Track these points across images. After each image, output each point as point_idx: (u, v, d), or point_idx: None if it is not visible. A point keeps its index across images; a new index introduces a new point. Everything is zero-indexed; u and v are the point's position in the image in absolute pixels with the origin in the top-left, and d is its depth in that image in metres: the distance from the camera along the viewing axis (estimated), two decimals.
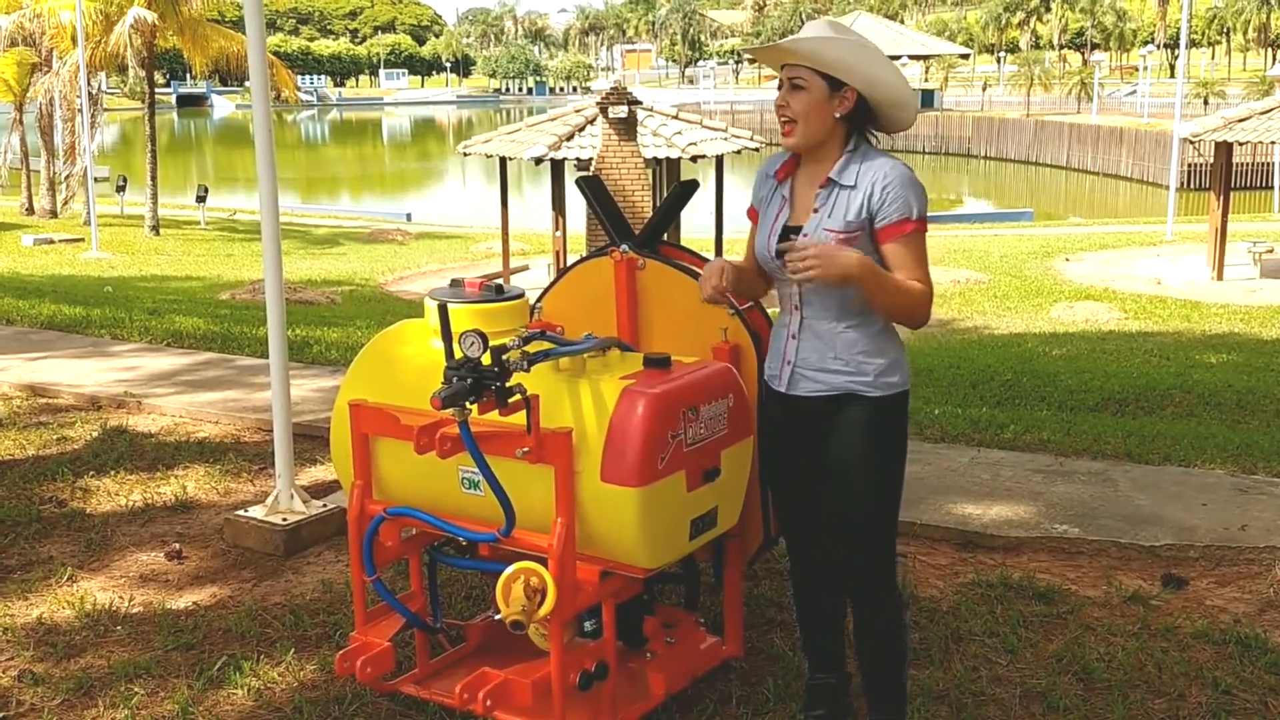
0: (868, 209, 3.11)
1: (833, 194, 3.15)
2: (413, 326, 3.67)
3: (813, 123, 3.15)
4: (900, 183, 3.12)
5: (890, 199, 3.11)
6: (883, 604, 3.32)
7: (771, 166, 3.34)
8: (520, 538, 3.24)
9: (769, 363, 3.35)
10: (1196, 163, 41.42)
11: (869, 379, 3.19)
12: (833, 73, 3.11)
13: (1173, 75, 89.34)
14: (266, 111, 5.06)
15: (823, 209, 3.16)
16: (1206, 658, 4.04)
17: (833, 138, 3.18)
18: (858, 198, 3.12)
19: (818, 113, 3.14)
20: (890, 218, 3.11)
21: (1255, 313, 17.68)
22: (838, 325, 3.19)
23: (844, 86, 3.13)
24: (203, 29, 31.53)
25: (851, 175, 3.15)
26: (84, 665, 4.07)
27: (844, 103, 3.14)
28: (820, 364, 3.21)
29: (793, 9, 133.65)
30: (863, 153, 3.18)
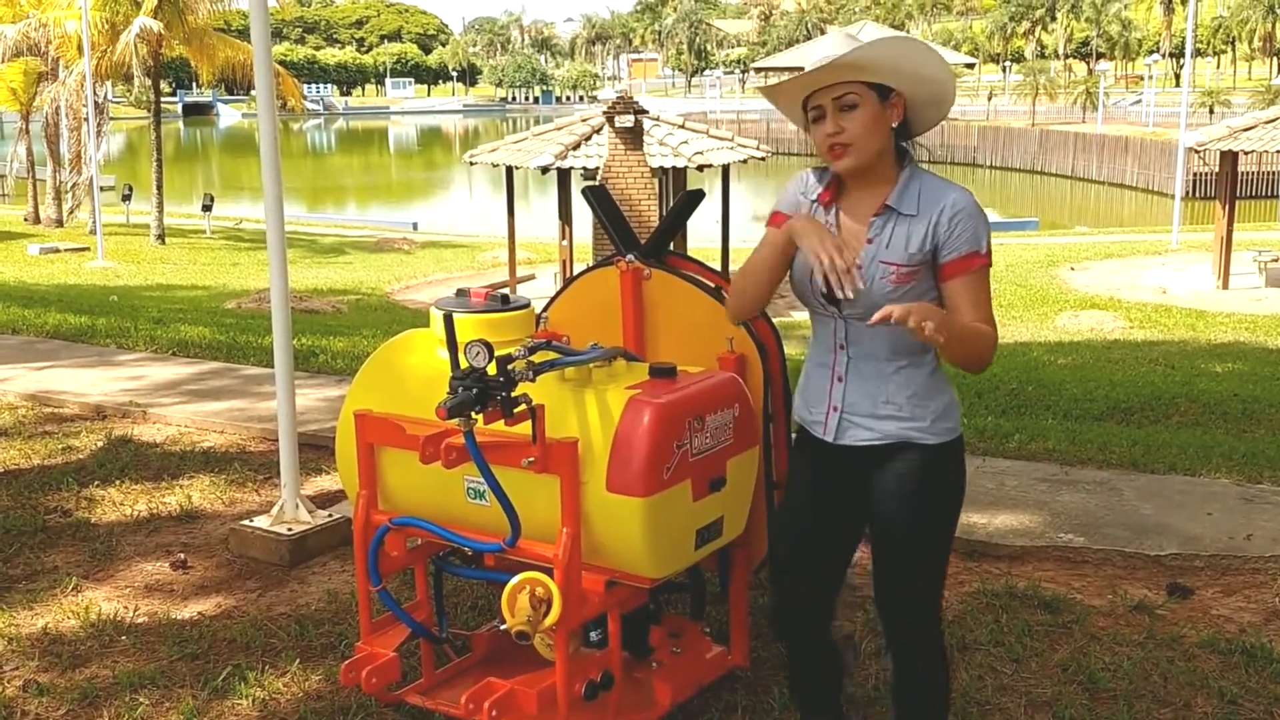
0: (933, 240, 2.84)
1: (890, 222, 2.87)
2: (418, 336, 3.67)
3: (873, 141, 2.85)
4: (970, 212, 2.85)
5: (960, 230, 2.84)
6: (928, 657, 3.12)
7: (812, 188, 3.01)
8: (526, 548, 3.24)
9: (808, 406, 3.08)
10: (1202, 172, 41.39)
11: (925, 424, 2.94)
12: (890, 79, 2.83)
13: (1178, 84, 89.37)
14: (272, 121, 5.07)
15: (878, 239, 2.87)
16: (1212, 667, 4.03)
17: (883, 156, 2.89)
18: (920, 227, 2.85)
19: (876, 129, 2.85)
20: (959, 251, 2.84)
21: (1261, 322, 17.66)
22: (889, 366, 2.93)
23: (892, 93, 2.85)
24: (209, 38, 31.65)
25: (911, 202, 2.87)
26: (89, 675, 4.07)
27: (896, 110, 2.87)
28: (871, 409, 2.95)
29: (798, 19, 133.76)
30: (919, 175, 2.91)
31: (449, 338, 3.09)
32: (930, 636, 3.11)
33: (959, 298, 2.86)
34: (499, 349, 3.04)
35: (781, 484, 3.72)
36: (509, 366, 3.02)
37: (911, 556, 3.02)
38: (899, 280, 2.85)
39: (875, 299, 2.83)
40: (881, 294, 2.84)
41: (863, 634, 4.24)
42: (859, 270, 2.79)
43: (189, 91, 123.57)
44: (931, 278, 2.88)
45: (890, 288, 2.85)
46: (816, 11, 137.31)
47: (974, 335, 2.83)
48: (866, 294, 2.83)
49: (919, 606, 3.08)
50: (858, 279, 2.74)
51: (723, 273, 3.98)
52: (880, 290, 2.85)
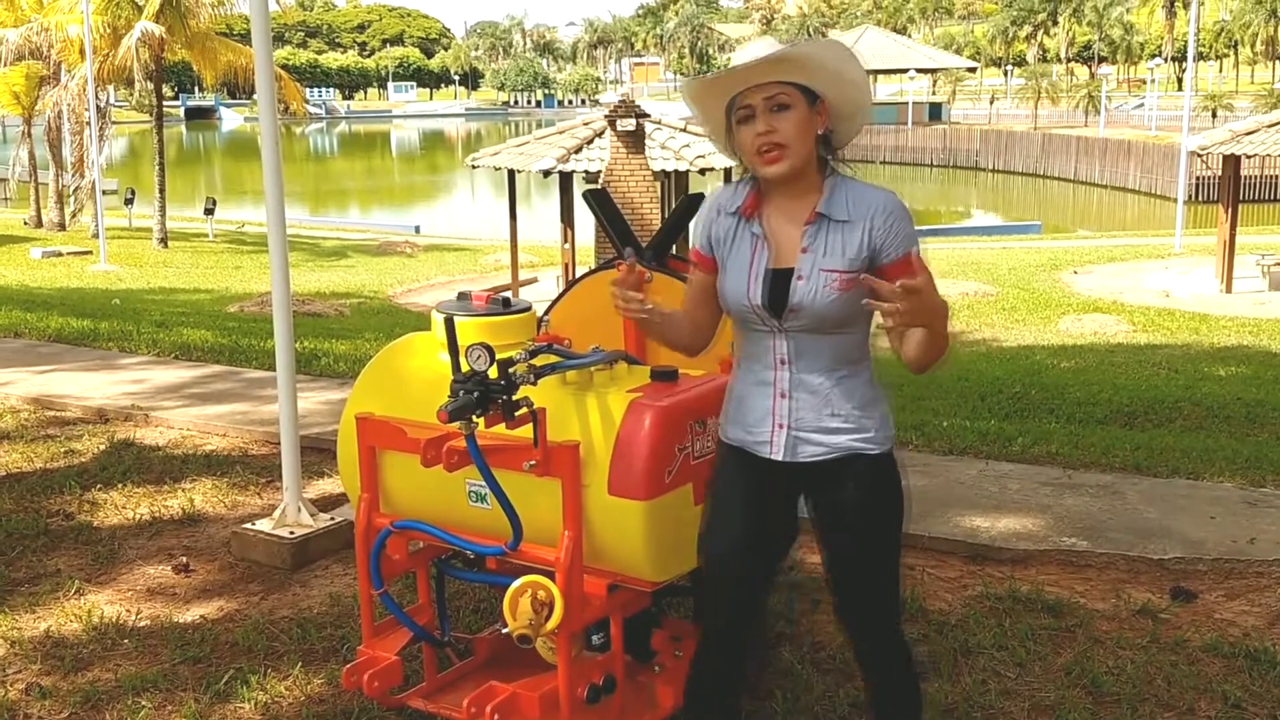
0: (870, 244, 2.80)
1: (823, 230, 2.83)
2: (420, 339, 3.67)
3: (804, 144, 2.81)
4: (901, 214, 2.82)
5: (895, 233, 2.81)
6: (899, 662, 3.09)
7: (731, 202, 2.94)
8: (527, 551, 3.23)
9: (746, 428, 2.97)
10: (1204, 175, 41.36)
11: (871, 434, 2.92)
12: (821, 81, 2.81)
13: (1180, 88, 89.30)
14: (273, 124, 5.07)
15: (814, 247, 2.82)
16: (1216, 671, 4.02)
17: (810, 163, 2.85)
18: (856, 233, 2.81)
19: (806, 132, 2.81)
20: (898, 252, 2.80)
21: (1264, 325, 17.65)
22: (832, 377, 2.89)
23: (818, 99, 2.82)
24: (211, 42, 31.69)
25: (842, 208, 2.83)
26: (91, 679, 4.07)
27: (822, 117, 2.83)
28: (818, 423, 2.90)
29: (800, 23, 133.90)
30: (844, 182, 2.87)
31: (450, 341, 3.09)
32: (898, 642, 3.10)
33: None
34: (500, 352, 3.04)
35: None
36: (510, 370, 3.01)
37: (871, 567, 2.99)
38: (843, 287, 2.81)
39: (820, 309, 2.82)
40: (826, 302, 2.81)
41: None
42: (800, 282, 2.81)
43: (191, 95, 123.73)
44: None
45: (835, 294, 2.81)
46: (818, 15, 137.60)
47: (944, 334, 2.79)
48: (812, 303, 2.82)
49: (884, 615, 3.05)
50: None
51: None
52: (825, 299, 2.81)
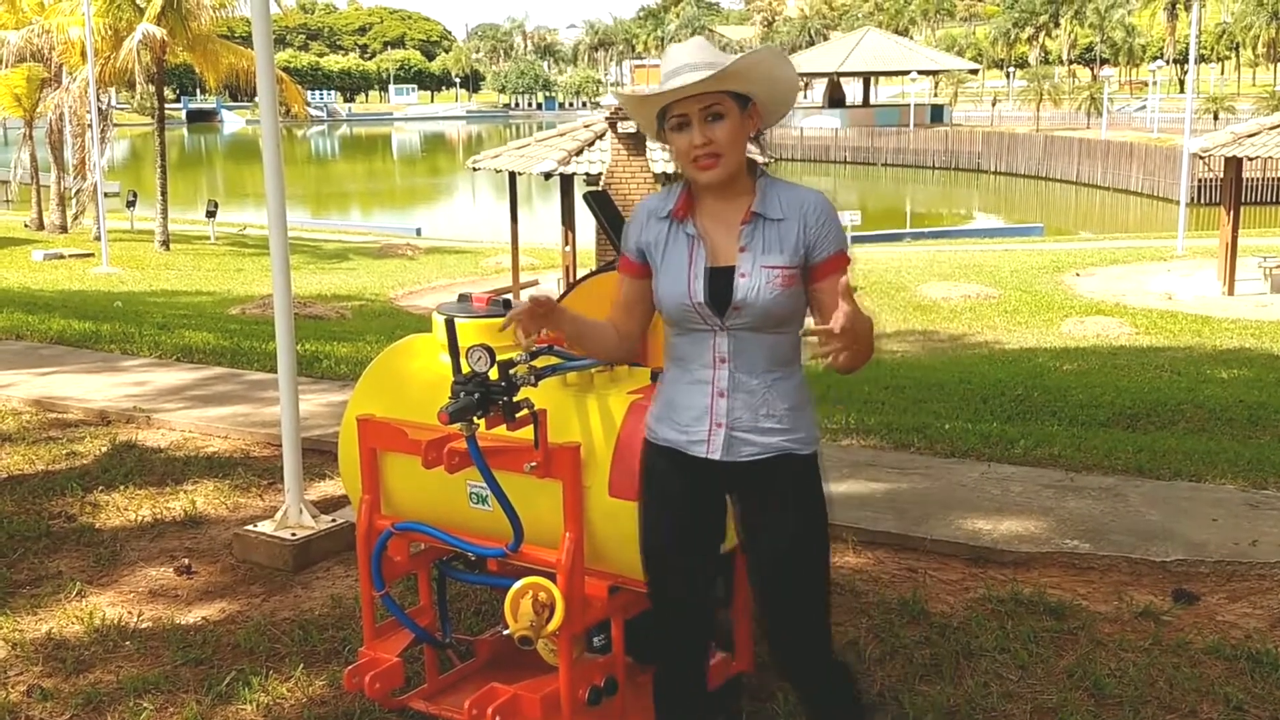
0: (804, 242, 2.84)
1: (759, 228, 2.86)
2: (421, 341, 3.67)
3: (738, 150, 2.86)
4: (830, 213, 2.88)
5: (825, 232, 2.85)
6: (831, 676, 3.05)
7: (661, 206, 2.96)
8: (528, 553, 3.23)
9: (682, 426, 2.94)
10: (1206, 178, 41.32)
11: (801, 435, 2.93)
12: (758, 88, 2.85)
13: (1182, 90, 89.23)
14: (275, 127, 5.07)
15: (753, 245, 2.85)
16: (1218, 673, 4.01)
17: (742, 165, 2.90)
18: (791, 230, 2.85)
19: (740, 138, 2.86)
20: (828, 251, 2.85)
21: (1266, 328, 17.65)
22: (767, 378, 2.89)
23: (749, 102, 2.86)
24: (212, 45, 31.72)
25: (776, 206, 2.87)
26: (93, 680, 4.07)
27: (754, 120, 2.88)
28: (754, 423, 2.89)
29: (801, 25, 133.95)
30: (772, 181, 2.91)
31: (451, 343, 3.09)
32: (823, 660, 3.03)
33: (828, 300, 2.82)
34: (501, 354, 3.04)
35: None
36: (511, 371, 3.01)
37: (801, 568, 2.96)
38: (785, 283, 2.84)
39: (764, 304, 2.84)
40: (770, 298, 2.83)
41: (867, 640, 4.23)
42: (743, 278, 2.83)
43: (193, 98, 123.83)
44: (801, 280, 2.87)
45: (778, 290, 2.83)
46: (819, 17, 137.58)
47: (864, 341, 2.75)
48: (755, 299, 2.83)
49: (813, 621, 3.00)
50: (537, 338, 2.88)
51: None
52: (769, 295, 2.83)
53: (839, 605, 4.52)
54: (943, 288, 21.93)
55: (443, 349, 3.39)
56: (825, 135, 69.12)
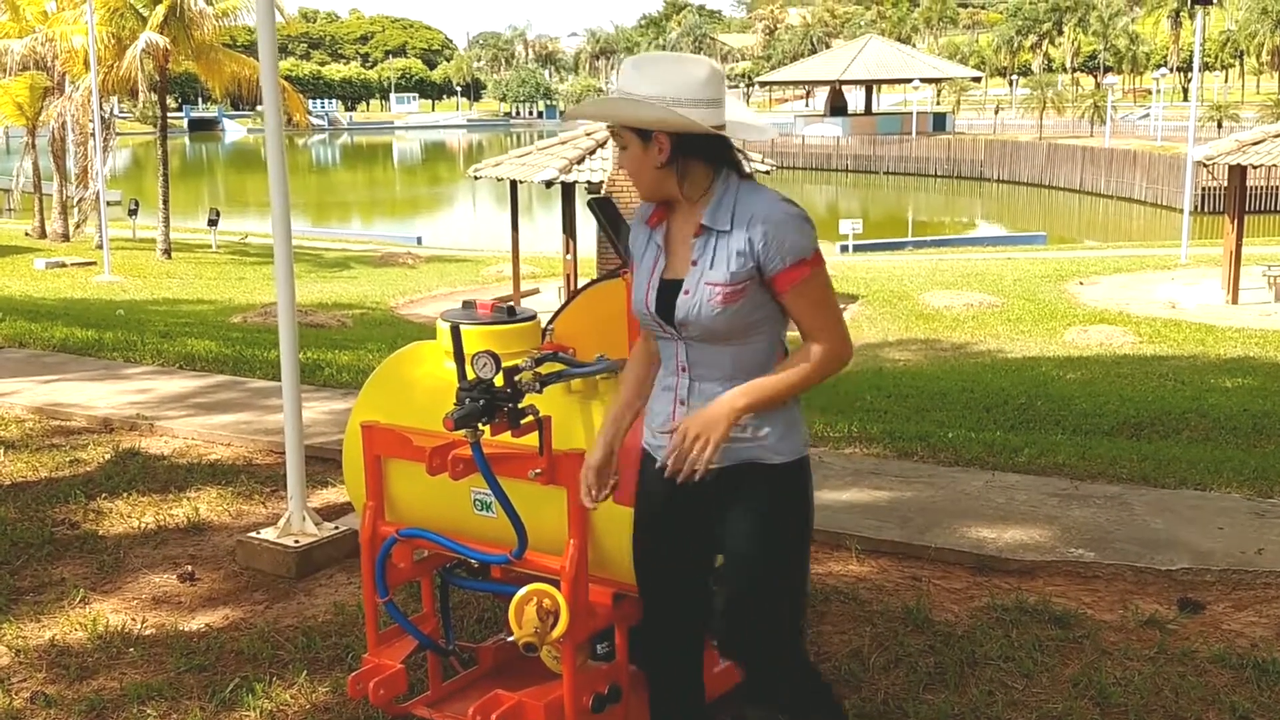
0: (752, 257, 2.79)
1: (710, 241, 2.84)
2: (426, 348, 3.67)
3: (643, 176, 2.88)
4: (781, 225, 2.78)
5: (774, 245, 2.77)
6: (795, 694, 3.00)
7: (643, 213, 3.00)
8: (532, 560, 3.23)
9: (654, 430, 3.00)
10: (1210, 186, 41.33)
11: (769, 443, 2.88)
12: (628, 124, 2.84)
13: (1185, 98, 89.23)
14: (279, 136, 5.07)
15: (702, 260, 2.84)
16: (1224, 682, 4.00)
17: (689, 179, 2.86)
18: (738, 243, 2.80)
19: (641, 166, 2.87)
20: (780, 266, 2.78)
21: (1270, 336, 17.63)
22: (730, 385, 2.85)
23: (653, 135, 2.82)
24: (215, 54, 31.77)
25: (725, 217, 2.83)
26: (96, 687, 4.07)
27: (661, 151, 2.83)
28: None
29: (803, 33, 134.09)
30: (733, 189, 2.85)
31: (456, 349, 3.09)
32: (787, 662, 2.99)
33: (793, 310, 2.84)
34: (505, 361, 3.04)
35: None
36: (516, 378, 3.01)
37: (757, 577, 2.91)
38: (726, 300, 2.81)
39: (705, 322, 2.83)
40: (710, 316, 2.82)
41: (871, 648, 4.22)
42: (685, 295, 2.84)
43: (195, 107, 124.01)
44: (762, 291, 2.82)
45: (718, 309, 2.81)
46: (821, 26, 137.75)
47: (789, 382, 2.83)
48: (697, 317, 2.83)
49: (772, 629, 2.95)
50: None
51: None
52: (709, 313, 2.82)
53: (843, 614, 4.51)
54: (945, 296, 21.92)
55: (447, 355, 3.39)
56: (827, 143, 69.16)
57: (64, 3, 32.58)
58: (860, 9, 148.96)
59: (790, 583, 2.97)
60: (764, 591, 2.92)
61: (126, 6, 30.52)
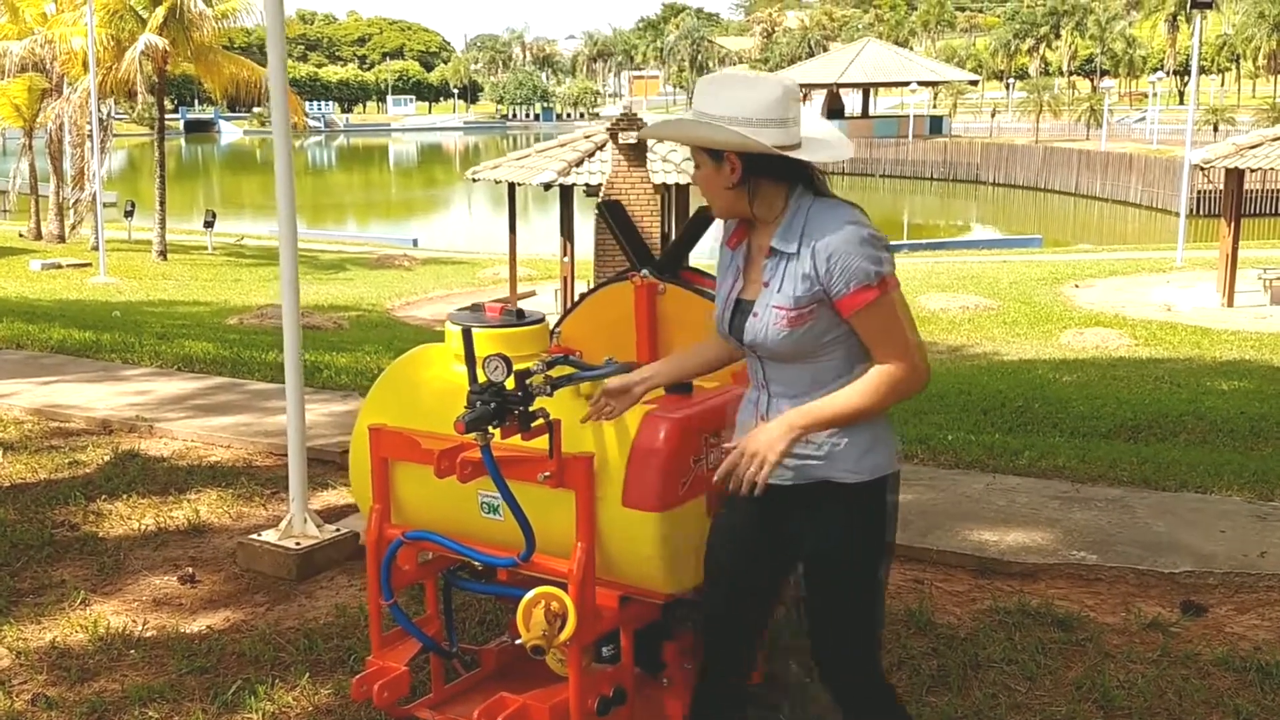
0: (818, 281, 2.76)
1: (778, 264, 2.83)
2: (433, 351, 3.66)
3: (715, 197, 2.91)
4: (846, 249, 2.74)
5: (839, 269, 2.74)
6: (866, 707, 3.02)
7: (727, 233, 3.03)
8: (539, 562, 3.22)
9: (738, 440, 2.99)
10: (1206, 189, 41.38)
11: (847, 463, 2.85)
12: (700, 145, 2.86)
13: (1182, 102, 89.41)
14: (286, 139, 5.07)
15: (771, 283, 2.84)
16: (1227, 685, 4.00)
17: (760, 199, 2.86)
18: (804, 266, 2.78)
19: (712, 186, 2.89)
20: (845, 291, 2.75)
21: (1266, 339, 17.65)
22: (809, 400, 2.84)
23: (725, 155, 2.82)
24: (214, 55, 31.79)
25: (793, 239, 2.81)
26: (98, 689, 4.06)
27: (733, 171, 2.83)
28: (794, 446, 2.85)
29: (801, 36, 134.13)
30: (805, 209, 2.83)
31: (467, 352, 3.07)
32: (866, 677, 3.01)
33: (860, 333, 2.81)
34: (515, 364, 3.03)
35: None
36: (527, 381, 3.00)
37: (836, 595, 2.93)
38: (791, 324, 2.81)
39: (771, 345, 2.84)
40: (776, 339, 2.83)
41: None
42: (753, 318, 2.86)
43: (191, 108, 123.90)
44: (830, 314, 2.80)
45: (784, 332, 2.81)
46: (819, 29, 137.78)
47: (855, 406, 2.79)
48: (764, 340, 2.85)
49: (851, 645, 2.98)
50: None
51: None
52: (775, 335, 2.83)
53: None
54: (941, 299, 21.93)
55: (455, 358, 3.39)
56: None
57: (63, 4, 32.54)
58: (858, 12, 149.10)
59: (863, 601, 2.96)
60: (837, 610, 2.95)
61: (126, 8, 30.54)
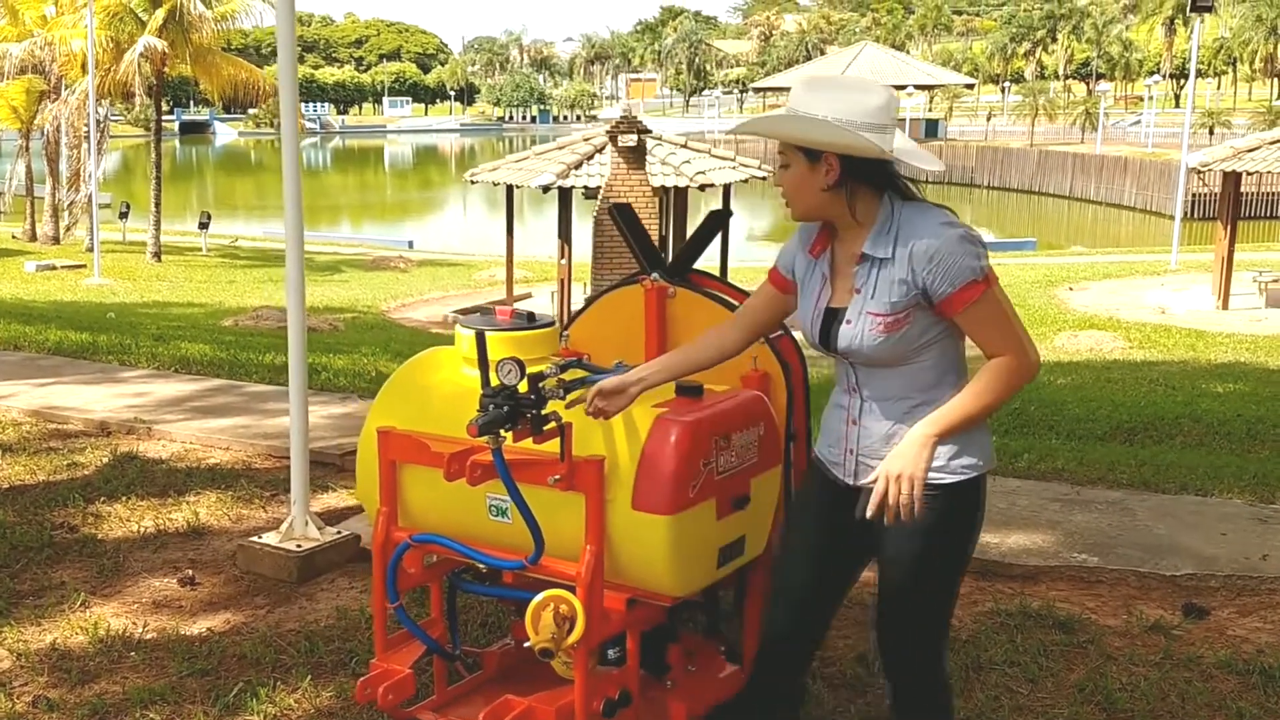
0: (915, 285, 2.77)
1: (871, 270, 2.83)
2: (442, 354, 3.65)
3: (804, 198, 2.87)
4: (945, 249, 2.75)
5: (941, 271, 2.75)
6: (925, 700, 3.08)
7: (807, 240, 3.01)
8: (548, 565, 3.21)
9: (826, 446, 3.05)
10: (1201, 193, 41.49)
11: (941, 463, 2.85)
12: (803, 145, 2.83)
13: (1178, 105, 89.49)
14: (294, 144, 5.03)
15: (864, 289, 2.83)
16: (1230, 688, 4.01)
17: (857, 203, 2.85)
18: (900, 271, 2.78)
19: (803, 188, 2.86)
20: (950, 290, 2.76)
21: (1261, 342, 17.68)
22: (903, 405, 2.87)
23: (823, 156, 2.81)
24: (213, 57, 31.77)
25: (887, 245, 2.81)
26: (99, 691, 4.04)
27: (829, 173, 2.81)
28: (883, 450, 2.89)
29: (798, 40, 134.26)
30: (897, 214, 2.83)
31: (481, 356, 3.07)
32: (928, 680, 3.05)
33: (970, 331, 2.82)
34: (530, 367, 3.03)
35: None
36: (540, 384, 3.00)
37: (913, 597, 2.97)
38: (887, 329, 2.81)
39: (869, 351, 2.84)
40: (872, 345, 2.83)
41: (876, 653, 4.20)
42: (846, 325, 2.86)
43: (186, 110, 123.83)
44: (928, 315, 2.81)
45: (880, 338, 2.82)
46: (816, 32, 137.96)
47: (980, 404, 2.79)
48: (859, 347, 2.85)
49: (918, 647, 3.03)
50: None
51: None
52: (871, 342, 2.83)
53: (847, 619, 4.48)
54: None
55: (466, 362, 3.39)
56: None
57: (63, 7, 32.51)
58: (855, 16, 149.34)
59: (942, 602, 3.01)
60: (915, 609, 2.98)
61: (126, 10, 30.54)
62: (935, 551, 2.92)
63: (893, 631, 3.03)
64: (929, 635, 3.03)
